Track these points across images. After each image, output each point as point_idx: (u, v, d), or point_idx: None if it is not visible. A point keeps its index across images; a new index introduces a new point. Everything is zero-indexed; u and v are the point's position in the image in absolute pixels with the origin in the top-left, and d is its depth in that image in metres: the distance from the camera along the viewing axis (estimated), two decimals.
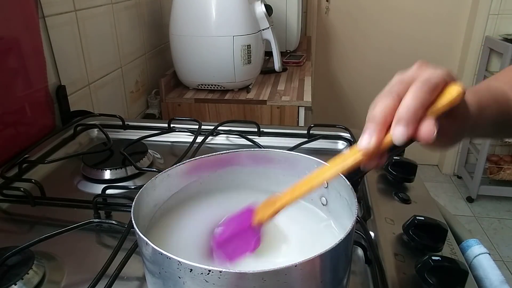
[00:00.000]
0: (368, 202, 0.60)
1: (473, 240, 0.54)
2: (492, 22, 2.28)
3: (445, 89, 0.33)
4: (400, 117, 0.32)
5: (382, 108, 0.33)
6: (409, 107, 0.32)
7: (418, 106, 0.32)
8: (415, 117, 0.32)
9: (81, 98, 0.99)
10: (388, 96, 0.33)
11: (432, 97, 0.32)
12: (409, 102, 0.32)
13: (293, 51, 1.81)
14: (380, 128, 0.33)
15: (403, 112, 0.32)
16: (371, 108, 0.34)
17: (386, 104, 0.33)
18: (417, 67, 0.35)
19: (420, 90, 0.32)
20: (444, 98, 0.33)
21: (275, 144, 0.82)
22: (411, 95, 0.32)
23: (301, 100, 1.21)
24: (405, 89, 0.33)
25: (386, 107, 0.33)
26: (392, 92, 0.33)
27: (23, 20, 0.78)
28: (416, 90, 0.32)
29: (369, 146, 0.33)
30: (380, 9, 2.45)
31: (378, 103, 0.34)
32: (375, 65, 2.54)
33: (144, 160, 0.73)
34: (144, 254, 0.35)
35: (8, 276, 0.45)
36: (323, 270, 0.34)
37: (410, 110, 0.32)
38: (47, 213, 0.61)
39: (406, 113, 0.32)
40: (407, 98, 0.32)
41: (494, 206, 2.36)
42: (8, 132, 0.76)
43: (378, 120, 0.33)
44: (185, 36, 1.23)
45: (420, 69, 0.34)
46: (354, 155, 0.34)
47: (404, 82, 0.33)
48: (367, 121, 0.34)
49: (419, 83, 0.32)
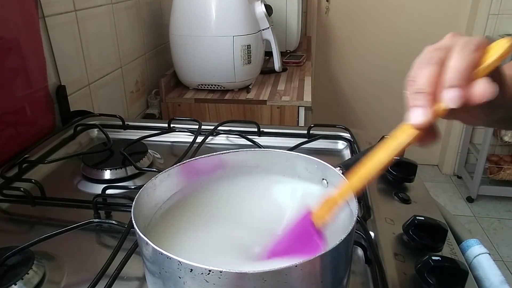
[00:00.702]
0: (368, 202, 0.60)
1: (473, 240, 0.54)
2: (492, 22, 2.28)
3: (489, 47, 0.31)
4: (450, 79, 0.30)
5: (427, 77, 0.31)
6: (459, 68, 0.30)
7: (466, 65, 0.30)
8: (466, 77, 0.29)
9: (81, 98, 0.99)
10: (429, 63, 0.31)
11: (478, 55, 0.30)
12: (457, 63, 0.30)
13: (293, 51, 1.81)
14: (431, 98, 0.30)
15: (453, 74, 0.30)
16: (411, 80, 0.32)
17: (430, 72, 0.31)
18: (451, 35, 0.33)
19: (465, 50, 0.30)
20: (493, 52, 0.31)
21: (275, 144, 0.82)
22: (457, 56, 0.30)
23: (301, 100, 1.21)
24: (445, 55, 0.31)
25: (430, 75, 0.30)
26: (433, 59, 0.31)
27: (23, 20, 0.78)
28: (460, 50, 0.30)
29: (423, 119, 0.30)
30: (380, 9, 2.45)
31: (419, 73, 0.31)
32: (375, 65, 2.54)
33: (144, 160, 0.73)
34: (144, 254, 0.35)
35: (8, 276, 0.45)
36: (323, 270, 0.34)
37: (459, 70, 0.29)
38: (47, 213, 0.61)
39: (456, 73, 0.29)
40: (453, 60, 0.30)
41: (494, 206, 2.36)
42: (8, 132, 0.76)
43: (426, 89, 0.30)
44: (185, 36, 1.23)
45: (454, 37, 0.32)
46: (406, 133, 0.32)
47: (442, 48, 0.32)
48: (411, 95, 0.31)
49: (461, 44, 0.31)
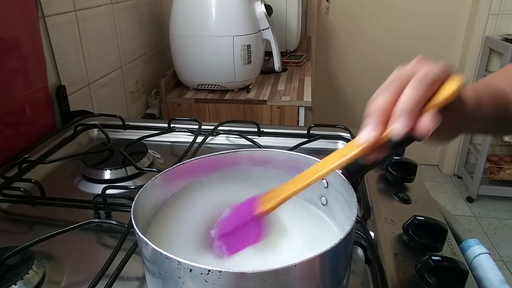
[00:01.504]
0: (368, 202, 0.60)
1: (473, 240, 0.54)
2: (492, 22, 2.28)
3: (444, 83, 0.33)
4: (399, 111, 0.32)
5: (381, 103, 0.33)
6: (408, 102, 0.32)
7: (417, 101, 0.32)
8: (414, 111, 0.32)
9: (81, 98, 0.99)
10: (387, 90, 0.33)
11: (431, 91, 0.33)
12: (408, 96, 0.32)
13: (293, 51, 1.81)
14: (380, 122, 0.33)
15: (402, 106, 0.32)
16: (370, 103, 0.34)
17: (385, 99, 0.33)
18: (416, 62, 0.35)
19: (419, 85, 0.32)
20: (443, 92, 0.33)
21: (275, 144, 0.82)
22: (410, 89, 0.32)
23: (301, 100, 1.21)
24: (404, 84, 0.33)
25: (385, 101, 0.33)
26: (391, 87, 0.33)
27: (23, 20, 0.78)
28: (415, 84, 0.32)
29: (369, 139, 0.33)
30: (380, 9, 2.45)
31: (377, 97, 0.34)
32: (375, 65, 2.54)
33: (144, 160, 0.73)
34: (144, 254, 0.35)
35: (8, 276, 0.45)
36: (323, 270, 0.34)
37: (409, 104, 0.32)
38: (47, 213, 0.61)
39: (405, 107, 0.32)
40: (406, 93, 0.32)
41: (494, 206, 2.36)
42: (8, 132, 0.76)
43: (377, 114, 0.33)
44: (185, 36, 1.23)
45: (418, 64, 0.34)
46: (353, 149, 0.34)
47: (402, 77, 0.34)
48: (366, 116, 0.34)
49: (417, 77, 0.33)
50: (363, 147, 0.34)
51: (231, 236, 0.39)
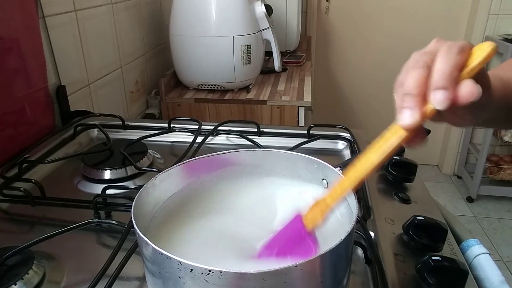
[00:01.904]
0: (368, 202, 0.60)
1: (473, 240, 0.54)
2: (492, 22, 2.28)
3: (474, 50, 0.32)
4: (436, 81, 0.31)
5: (415, 80, 0.32)
6: (444, 70, 0.31)
7: (452, 68, 0.31)
8: (452, 79, 0.31)
9: (81, 98, 0.99)
10: (417, 67, 0.32)
11: (463, 58, 0.32)
12: (443, 65, 0.31)
13: (293, 51, 1.81)
14: (419, 100, 0.32)
15: (439, 75, 0.31)
16: (400, 83, 0.33)
17: (418, 75, 0.32)
18: (436, 41, 0.34)
19: (450, 54, 0.31)
20: (477, 55, 0.32)
21: (275, 144, 0.82)
22: (442, 59, 0.31)
23: (301, 100, 1.21)
24: (431, 59, 0.32)
25: (418, 78, 0.32)
26: (419, 63, 0.32)
27: (23, 20, 0.78)
28: (445, 53, 0.32)
29: (413, 120, 0.32)
30: (380, 9, 2.45)
31: (407, 76, 0.32)
32: (375, 65, 2.54)
33: (144, 160, 0.73)
34: (144, 254, 0.35)
35: (8, 276, 0.45)
36: (323, 270, 0.34)
37: (445, 72, 0.31)
38: (47, 213, 0.61)
39: (442, 75, 0.31)
40: (438, 63, 0.31)
41: (494, 206, 2.36)
42: (8, 132, 0.76)
43: (414, 92, 0.32)
44: (185, 36, 1.23)
45: (439, 42, 0.34)
46: (396, 134, 0.33)
47: (428, 53, 0.33)
48: (401, 97, 0.33)
49: (446, 48, 0.32)
50: (406, 130, 0.32)
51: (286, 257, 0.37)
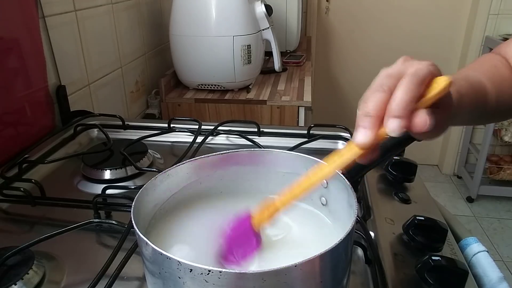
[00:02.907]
0: (368, 202, 0.60)
1: (471, 238, 0.54)
2: (492, 22, 2.28)
3: (433, 81, 0.34)
4: (393, 110, 0.33)
5: (375, 103, 0.34)
6: (402, 100, 0.32)
7: (410, 99, 0.32)
8: (408, 109, 0.32)
9: (81, 98, 0.99)
10: (379, 90, 0.34)
11: (422, 89, 0.33)
12: (401, 95, 0.33)
13: (293, 51, 1.81)
14: (375, 122, 0.34)
15: (396, 104, 0.33)
16: (362, 103, 0.35)
17: (378, 98, 0.34)
18: (402, 61, 0.36)
19: (411, 83, 0.33)
20: (433, 89, 0.33)
21: (275, 144, 0.82)
22: (402, 88, 0.33)
23: (301, 100, 1.21)
24: (395, 83, 0.34)
25: (378, 101, 0.34)
26: (383, 86, 0.34)
27: (23, 20, 0.78)
28: (406, 83, 0.33)
29: (366, 140, 0.34)
30: (380, 9, 2.45)
31: (369, 98, 0.34)
32: (375, 65, 2.52)
33: (144, 160, 0.73)
34: (144, 254, 0.35)
35: (8, 276, 0.45)
36: (323, 270, 0.34)
37: (402, 103, 0.32)
38: (47, 213, 0.61)
39: (399, 105, 0.32)
40: (398, 92, 0.33)
41: (494, 206, 2.36)
42: (8, 132, 0.76)
43: (372, 114, 0.34)
44: (185, 36, 1.23)
45: (406, 64, 0.35)
46: (351, 151, 0.35)
47: (393, 76, 0.34)
48: (360, 116, 0.34)
49: (408, 76, 0.33)
50: (360, 147, 0.34)
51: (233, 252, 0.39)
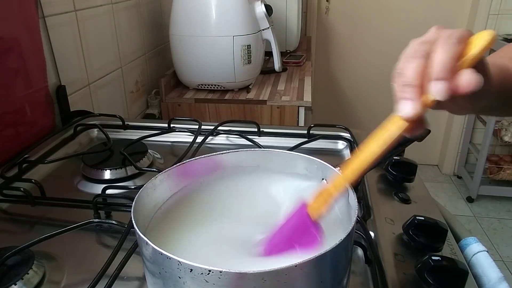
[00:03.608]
0: (368, 202, 0.60)
1: (471, 238, 0.54)
2: (492, 22, 2.28)
3: (473, 38, 0.32)
4: (436, 72, 0.31)
5: (414, 70, 0.32)
6: (443, 60, 0.31)
7: (451, 58, 0.31)
8: (451, 69, 0.31)
9: (81, 98, 0.99)
10: (416, 57, 0.32)
11: (461, 48, 0.31)
12: (442, 56, 0.31)
13: (293, 51, 1.81)
14: (419, 90, 0.32)
15: (437, 66, 0.31)
16: (399, 73, 0.33)
17: (417, 65, 0.32)
18: (435, 29, 0.34)
19: (448, 43, 0.31)
20: (476, 44, 0.32)
21: (275, 144, 0.82)
22: (441, 49, 0.31)
23: (301, 100, 1.21)
24: (430, 48, 0.32)
25: (418, 67, 0.32)
26: (418, 52, 0.32)
27: (23, 20, 0.78)
28: (444, 43, 0.31)
29: (413, 111, 0.32)
30: (380, 9, 2.45)
31: (406, 66, 0.32)
32: (375, 65, 2.54)
33: (144, 160, 0.73)
34: (144, 254, 0.35)
35: (8, 276, 0.45)
36: (323, 270, 0.34)
37: (444, 63, 0.31)
38: (47, 213, 0.61)
39: (441, 66, 0.31)
40: (438, 53, 0.31)
41: (494, 206, 2.36)
42: (8, 132, 0.76)
43: (414, 82, 0.32)
44: (185, 36, 1.23)
45: (439, 30, 0.33)
46: (396, 124, 0.33)
47: (427, 42, 0.33)
48: (400, 87, 0.32)
49: (444, 37, 0.32)
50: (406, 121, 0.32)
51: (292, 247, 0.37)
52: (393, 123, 0.33)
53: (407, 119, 0.32)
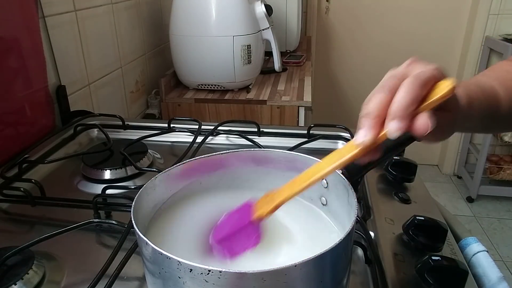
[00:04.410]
0: (368, 202, 0.60)
1: (471, 238, 0.54)
2: (492, 22, 2.28)
3: (437, 84, 0.34)
4: (394, 112, 0.33)
5: (376, 103, 0.34)
6: (402, 102, 0.32)
7: (410, 101, 0.32)
8: (408, 111, 0.32)
9: (81, 98, 0.99)
10: (381, 91, 0.34)
11: (424, 92, 0.33)
12: (402, 97, 0.33)
13: (293, 51, 1.81)
14: (376, 122, 0.34)
15: (396, 107, 0.33)
16: (365, 104, 0.35)
17: (380, 99, 0.34)
18: (409, 63, 0.36)
19: (412, 85, 0.33)
20: (436, 92, 0.33)
21: (275, 144, 0.82)
22: (404, 90, 0.33)
23: (301, 100, 1.21)
24: (398, 85, 0.34)
25: (380, 102, 0.34)
26: (385, 87, 0.34)
27: (23, 20, 0.78)
28: (408, 85, 0.33)
29: (366, 140, 0.34)
30: (380, 9, 2.45)
31: (372, 98, 0.34)
32: (375, 65, 2.54)
33: (144, 160, 0.73)
34: (144, 254, 0.35)
35: (8, 276, 0.45)
36: (323, 270, 0.34)
37: (403, 105, 0.32)
38: (47, 213, 0.61)
39: (400, 107, 0.32)
40: (399, 93, 0.33)
41: (494, 206, 2.36)
42: (8, 132, 0.76)
43: (373, 115, 0.34)
44: (185, 36, 1.23)
45: (411, 65, 0.35)
46: (351, 150, 0.35)
47: (396, 77, 0.34)
48: (362, 116, 0.34)
49: (411, 78, 0.33)
50: (360, 148, 0.34)
51: (230, 241, 0.39)
52: (348, 149, 0.36)
53: (361, 147, 0.34)
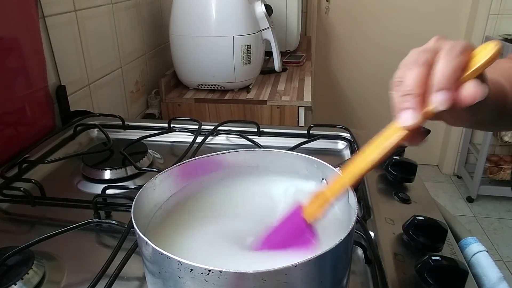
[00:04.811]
0: (368, 202, 0.60)
1: (471, 238, 0.54)
2: (492, 22, 2.28)
3: (478, 50, 0.32)
4: (438, 83, 0.30)
5: (414, 79, 0.31)
6: (445, 71, 0.30)
7: (454, 69, 0.30)
8: (453, 79, 0.30)
9: (81, 98, 0.99)
10: (417, 66, 0.31)
11: (466, 59, 0.31)
12: (444, 66, 0.30)
13: (293, 51, 1.81)
14: (419, 100, 0.31)
15: (440, 76, 0.30)
16: (398, 82, 0.32)
17: (418, 74, 0.31)
18: (436, 39, 0.33)
19: (452, 53, 0.31)
20: (481, 56, 0.31)
21: (275, 144, 0.82)
22: (444, 59, 0.31)
23: (301, 100, 1.21)
24: (432, 58, 0.31)
25: (418, 77, 0.31)
26: (419, 62, 0.31)
27: (23, 20, 0.78)
28: (447, 54, 0.31)
29: (415, 121, 0.31)
30: (380, 9, 2.45)
31: (407, 74, 0.32)
32: (375, 65, 2.54)
33: (144, 160, 0.73)
34: (144, 254, 0.35)
35: (8, 276, 0.45)
36: (323, 270, 0.34)
37: (447, 74, 0.30)
38: (47, 213, 0.61)
39: (444, 76, 0.30)
40: (440, 63, 0.31)
41: (494, 206, 2.36)
42: (8, 132, 0.76)
43: (414, 91, 0.31)
44: (185, 36, 1.23)
45: (440, 41, 0.33)
46: (397, 132, 0.33)
47: (429, 51, 0.32)
48: (400, 97, 0.32)
49: (447, 49, 0.31)
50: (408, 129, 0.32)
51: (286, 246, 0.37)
52: (392, 131, 0.33)
53: (407, 129, 0.32)
